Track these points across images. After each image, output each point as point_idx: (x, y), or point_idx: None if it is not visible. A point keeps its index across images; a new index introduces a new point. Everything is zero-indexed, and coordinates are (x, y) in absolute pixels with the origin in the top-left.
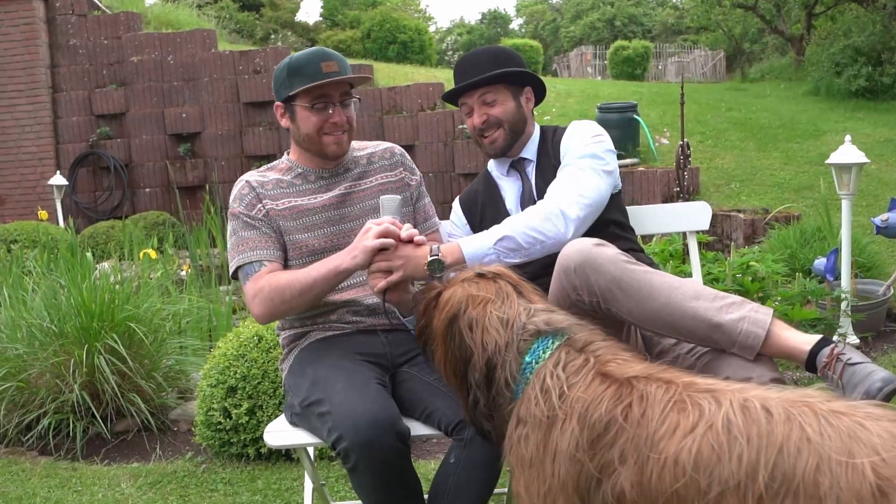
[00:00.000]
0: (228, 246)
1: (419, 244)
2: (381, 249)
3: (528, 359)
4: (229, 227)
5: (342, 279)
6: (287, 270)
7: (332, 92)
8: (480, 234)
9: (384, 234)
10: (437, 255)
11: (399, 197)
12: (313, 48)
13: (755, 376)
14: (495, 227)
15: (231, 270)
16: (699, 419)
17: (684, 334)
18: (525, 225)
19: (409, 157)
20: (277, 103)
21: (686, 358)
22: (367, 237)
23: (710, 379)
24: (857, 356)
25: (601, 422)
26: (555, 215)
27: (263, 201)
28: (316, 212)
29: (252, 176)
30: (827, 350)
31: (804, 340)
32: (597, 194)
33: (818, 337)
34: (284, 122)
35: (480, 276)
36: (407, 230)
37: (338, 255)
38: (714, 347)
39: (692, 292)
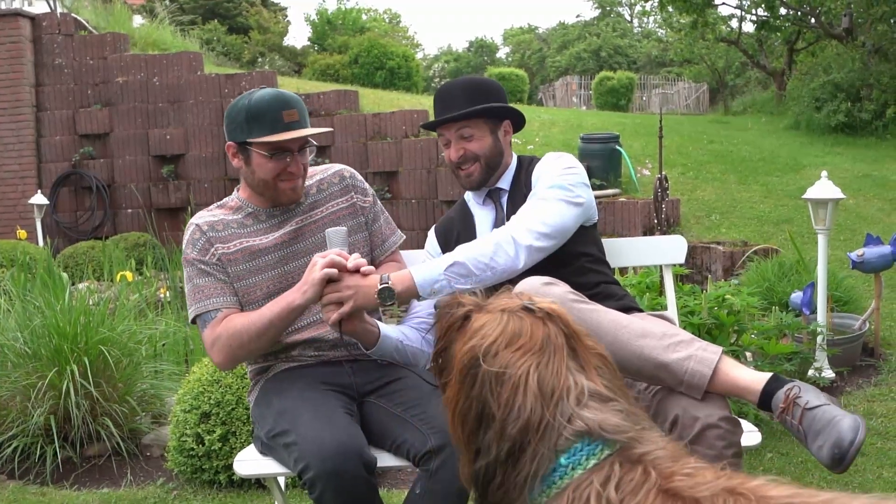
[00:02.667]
0: (186, 292)
1: (366, 273)
2: (330, 281)
3: (564, 460)
4: (185, 274)
5: (296, 315)
6: (242, 314)
7: (292, 145)
8: (433, 260)
9: (330, 266)
10: (388, 283)
11: (345, 228)
12: (272, 92)
13: (703, 416)
14: (448, 254)
15: (190, 319)
16: None
17: (632, 374)
18: (477, 251)
19: (359, 178)
20: (230, 143)
21: (644, 395)
22: (314, 270)
23: (788, 488)
24: (813, 398)
25: None
26: (506, 242)
27: (215, 245)
28: (268, 251)
29: (202, 218)
30: (782, 394)
31: (755, 379)
32: (558, 222)
33: (768, 375)
34: (236, 163)
35: (527, 310)
36: (354, 260)
37: (289, 291)
38: (662, 386)
39: (639, 330)
